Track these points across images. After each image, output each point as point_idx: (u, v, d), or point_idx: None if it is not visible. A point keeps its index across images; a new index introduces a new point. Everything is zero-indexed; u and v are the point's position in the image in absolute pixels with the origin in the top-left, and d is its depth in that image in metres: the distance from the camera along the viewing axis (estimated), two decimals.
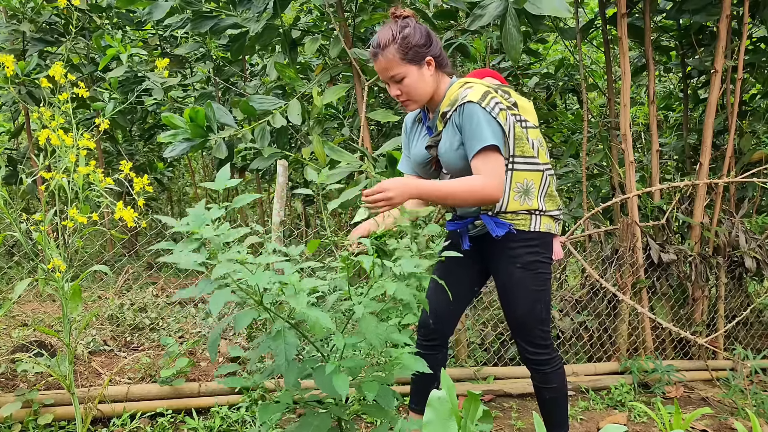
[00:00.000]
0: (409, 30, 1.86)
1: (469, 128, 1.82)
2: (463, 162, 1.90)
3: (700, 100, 4.54)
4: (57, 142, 1.84)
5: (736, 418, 2.92)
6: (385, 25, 1.90)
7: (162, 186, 6.46)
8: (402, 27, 1.87)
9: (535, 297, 1.99)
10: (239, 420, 2.62)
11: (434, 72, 1.93)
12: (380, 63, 1.89)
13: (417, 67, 1.88)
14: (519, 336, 2.07)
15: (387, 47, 1.86)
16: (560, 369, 2.11)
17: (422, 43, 1.88)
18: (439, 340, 2.20)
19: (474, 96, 1.84)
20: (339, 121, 4.59)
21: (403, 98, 1.94)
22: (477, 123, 1.81)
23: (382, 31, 1.89)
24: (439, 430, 1.25)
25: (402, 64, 1.87)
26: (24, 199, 5.18)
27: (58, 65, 1.91)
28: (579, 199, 4.38)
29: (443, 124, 1.94)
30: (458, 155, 1.89)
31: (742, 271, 3.60)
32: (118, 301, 3.69)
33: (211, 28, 3.51)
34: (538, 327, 2.03)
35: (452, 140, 1.90)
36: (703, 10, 3.42)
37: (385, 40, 1.86)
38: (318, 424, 1.55)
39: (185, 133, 3.18)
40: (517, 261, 1.96)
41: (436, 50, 1.92)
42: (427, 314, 2.15)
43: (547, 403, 2.14)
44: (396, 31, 1.86)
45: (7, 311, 2.10)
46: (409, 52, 1.86)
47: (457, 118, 1.87)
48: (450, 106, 1.90)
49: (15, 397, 2.46)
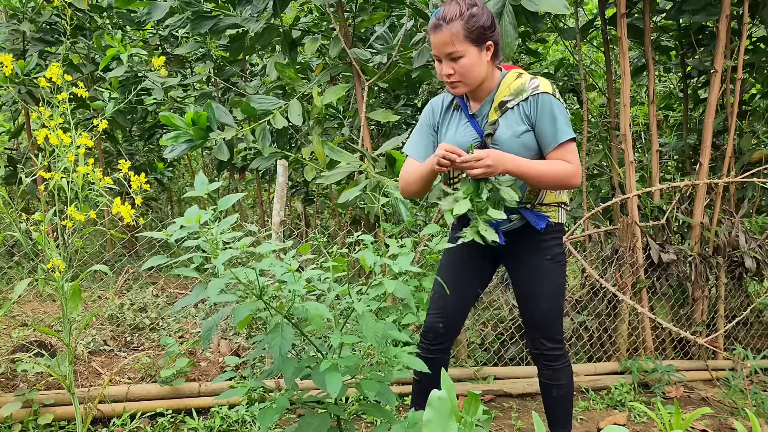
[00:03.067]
0: (477, 9, 1.81)
1: (551, 118, 1.83)
2: (524, 150, 1.87)
3: (700, 100, 4.54)
4: (56, 141, 1.84)
5: (736, 418, 2.91)
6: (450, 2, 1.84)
7: (162, 186, 6.45)
8: (470, 5, 1.81)
9: (559, 290, 2.04)
10: (239, 420, 2.62)
11: (491, 57, 1.87)
12: (441, 36, 1.81)
13: (478, 49, 1.82)
14: (540, 331, 2.06)
15: (452, 21, 1.79)
16: (569, 365, 2.13)
17: (488, 26, 1.82)
18: (446, 343, 2.19)
19: (546, 87, 1.84)
20: (339, 121, 4.59)
21: (454, 78, 1.85)
22: (558, 114, 1.83)
23: (448, 5, 1.82)
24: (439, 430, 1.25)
25: (464, 42, 1.80)
26: (24, 199, 5.18)
27: (55, 66, 1.91)
28: (579, 199, 4.38)
29: (499, 113, 1.89)
30: (520, 143, 1.87)
31: (742, 271, 3.60)
32: (118, 301, 3.69)
33: (211, 28, 3.51)
34: (559, 321, 2.06)
35: (515, 129, 1.87)
36: (702, 10, 3.42)
37: (452, 14, 1.79)
38: (317, 424, 1.55)
39: (186, 135, 3.18)
40: (548, 253, 1.99)
41: (497, 36, 1.88)
42: (437, 318, 2.12)
43: (554, 400, 2.14)
44: (464, 7, 1.80)
45: (7, 311, 2.11)
46: (474, 31, 1.80)
47: (529, 108, 1.85)
48: (514, 95, 1.87)
49: (15, 397, 2.46)
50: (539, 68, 5.00)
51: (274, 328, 1.43)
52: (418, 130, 2.07)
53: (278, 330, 1.43)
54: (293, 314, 1.47)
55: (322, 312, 1.36)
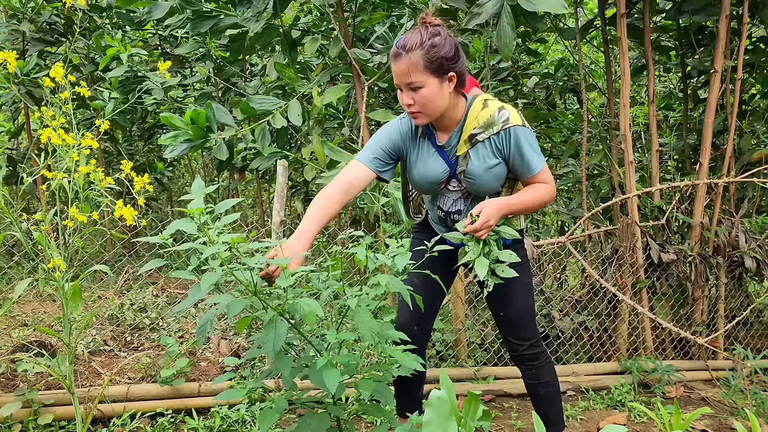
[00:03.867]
0: (440, 39, 1.76)
1: (527, 152, 1.85)
2: (494, 182, 1.90)
3: (699, 100, 4.54)
4: (58, 141, 1.84)
5: (736, 418, 2.92)
6: (415, 29, 1.80)
7: (162, 186, 6.45)
8: (432, 34, 1.76)
9: (528, 290, 2.08)
10: (239, 420, 2.62)
11: (453, 90, 1.84)
12: (401, 65, 1.77)
13: (438, 80, 1.78)
14: (514, 332, 2.09)
15: (412, 51, 1.75)
16: (550, 362, 2.15)
17: (450, 57, 1.77)
18: (421, 343, 2.19)
19: (515, 118, 1.84)
20: (339, 121, 4.59)
21: (414, 109, 1.82)
22: (531, 145, 1.85)
23: (410, 34, 1.78)
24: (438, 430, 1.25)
25: (423, 73, 1.76)
26: (24, 199, 5.18)
27: (59, 66, 1.91)
28: (579, 199, 4.38)
29: (469, 145, 1.88)
30: (492, 174, 1.89)
31: (742, 271, 3.60)
32: (118, 301, 3.69)
33: (211, 28, 3.51)
34: (531, 320, 2.09)
35: (488, 162, 1.87)
36: (702, 10, 3.43)
37: (412, 43, 1.75)
38: (317, 424, 1.55)
39: (186, 134, 3.18)
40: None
41: (461, 67, 1.82)
42: (409, 318, 2.13)
43: (541, 399, 2.15)
44: (426, 36, 1.75)
45: (7, 311, 2.11)
46: (435, 62, 1.75)
47: (501, 142, 1.85)
48: (483, 128, 1.85)
49: (15, 397, 2.46)
50: (539, 68, 5.00)
51: (267, 324, 1.44)
52: (376, 141, 1.97)
53: (272, 326, 1.43)
54: (288, 311, 1.47)
55: (315, 309, 1.36)
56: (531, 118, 4.50)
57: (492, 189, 1.93)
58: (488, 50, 3.67)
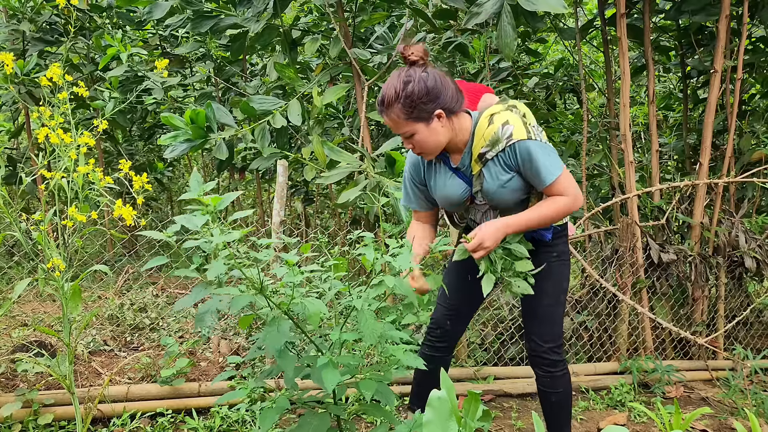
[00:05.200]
0: (413, 86, 1.74)
1: (535, 165, 1.80)
2: (512, 195, 1.89)
3: (699, 100, 4.54)
4: (56, 140, 1.84)
5: (736, 418, 2.92)
6: (391, 78, 1.80)
7: (162, 186, 6.45)
8: (405, 83, 1.75)
9: (562, 288, 2.04)
10: (239, 420, 2.62)
11: (446, 122, 1.82)
12: (387, 120, 1.82)
13: (425, 124, 1.79)
14: (539, 330, 2.04)
15: (391, 106, 1.77)
16: (567, 374, 2.10)
17: (429, 99, 1.76)
18: (450, 342, 2.20)
19: (519, 132, 1.79)
20: (339, 121, 4.59)
21: (416, 151, 1.88)
22: (539, 158, 1.79)
23: (387, 86, 1.79)
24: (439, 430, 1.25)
25: (408, 123, 1.78)
26: (24, 199, 5.18)
27: (56, 66, 1.91)
28: None
29: (481, 164, 1.88)
30: (507, 190, 1.87)
31: (742, 271, 3.60)
32: (118, 301, 3.69)
33: (211, 28, 3.51)
34: (558, 323, 2.04)
35: (500, 178, 1.86)
36: (702, 10, 3.43)
37: (389, 99, 1.77)
38: (317, 423, 1.55)
39: (186, 134, 3.18)
40: (554, 251, 2.01)
41: (446, 99, 1.79)
42: (444, 314, 2.14)
43: (551, 406, 2.12)
44: (399, 87, 1.75)
45: (7, 311, 2.11)
46: (414, 110, 1.76)
47: (509, 158, 1.83)
48: (490, 146, 1.83)
49: (15, 397, 2.46)
50: (539, 68, 5.00)
51: (271, 322, 1.43)
52: (406, 185, 2.08)
53: (275, 324, 1.43)
54: (292, 310, 1.47)
55: (320, 309, 1.36)
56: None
57: (513, 201, 1.91)
58: (488, 50, 3.67)
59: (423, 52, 1.81)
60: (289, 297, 1.45)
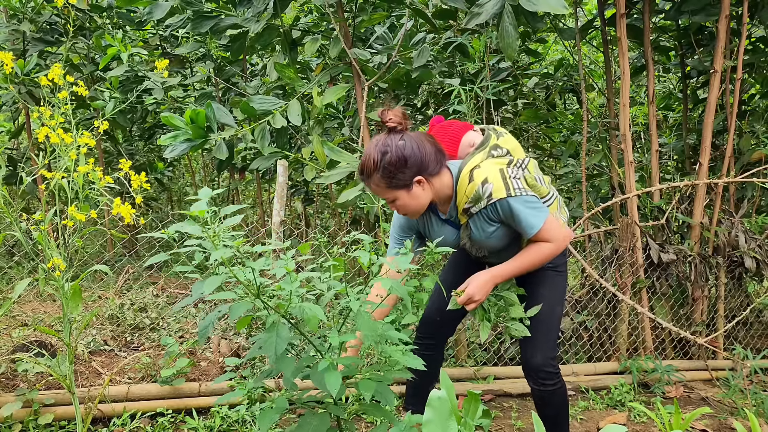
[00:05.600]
0: (390, 156, 1.77)
1: (516, 220, 1.83)
2: (501, 241, 1.94)
3: (699, 100, 4.54)
4: (56, 140, 1.84)
5: (735, 418, 2.92)
6: (369, 146, 1.83)
7: (162, 186, 6.46)
8: (382, 153, 1.78)
9: (558, 298, 2.05)
10: (239, 420, 2.62)
11: (427, 185, 1.86)
12: (370, 188, 1.87)
13: (406, 190, 1.83)
14: (533, 341, 2.02)
15: (371, 177, 1.82)
16: (561, 388, 2.04)
17: (405, 168, 1.79)
18: (439, 339, 2.21)
19: (498, 191, 1.80)
20: (339, 121, 4.59)
21: (401, 212, 1.93)
22: (520, 214, 1.81)
23: (365, 156, 1.82)
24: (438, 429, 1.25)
25: (389, 191, 1.83)
26: (24, 199, 5.18)
27: (57, 67, 1.91)
28: (578, 199, 4.38)
29: (466, 217, 1.91)
30: (496, 237, 1.92)
31: (742, 271, 3.60)
32: (118, 301, 3.69)
33: (211, 28, 3.52)
34: (553, 333, 2.03)
35: (486, 230, 1.91)
36: (702, 10, 3.43)
37: (368, 170, 1.81)
38: (317, 423, 1.55)
39: (186, 134, 3.18)
40: (551, 262, 2.03)
41: (425, 165, 1.82)
42: (433, 311, 2.16)
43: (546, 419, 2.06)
44: (377, 157, 1.78)
45: (7, 311, 2.11)
46: (393, 179, 1.80)
47: (491, 214, 1.86)
48: (472, 202, 1.85)
49: (15, 397, 2.46)
50: (539, 68, 5.01)
51: (270, 327, 1.43)
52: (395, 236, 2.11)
53: (274, 329, 1.43)
54: (290, 313, 1.47)
55: (318, 313, 1.36)
56: (531, 118, 4.50)
57: (504, 245, 1.96)
58: (488, 50, 3.67)
59: (401, 116, 1.83)
60: (287, 301, 1.45)
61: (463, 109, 3.33)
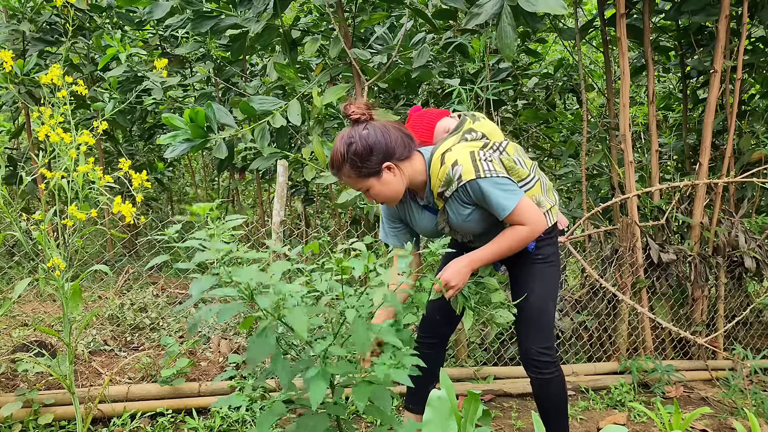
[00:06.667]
0: (355, 146, 1.81)
1: (488, 201, 1.83)
2: (479, 225, 1.94)
3: (699, 100, 4.54)
4: (56, 139, 1.84)
5: (735, 418, 2.92)
6: (336, 141, 1.86)
7: (162, 186, 6.45)
8: (348, 144, 1.81)
9: (550, 290, 2.05)
10: (239, 420, 2.62)
11: (398, 171, 1.87)
12: (342, 180, 1.90)
13: (376, 178, 1.85)
14: (528, 332, 2.05)
15: (341, 169, 1.85)
16: (560, 376, 2.08)
17: (372, 155, 1.82)
18: (440, 338, 2.21)
19: (468, 173, 1.81)
20: (339, 121, 4.59)
21: (378, 201, 1.95)
22: (491, 194, 1.82)
23: (333, 150, 1.85)
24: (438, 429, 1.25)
25: (360, 180, 1.86)
26: (24, 199, 5.18)
27: (56, 68, 1.91)
28: (578, 199, 4.39)
29: (442, 202, 1.92)
30: (472, 220, 1.92)
31: (742, 271, 3.61)
32: (118, 301, 3.69)
33: (211, 28, 3.52)
34: (548, 324, 2.04)
35: (461, 213, 1.91)
36: (702, 10, 3.43)
37: (337, 163, 1.85)
38: (316, 423, 1.54)
39: (185, 134, 3.18)
40: (539, 254, 2.03)
41: (391, 150, 1.84)
42: (434, 310, 2.15)
43: (545, 411, 2.11)
44: (343, 149, 1.82)
45: (7, 311, 2.11)
46: (363, 169, 1.83)
47: (464, 197, 1.87)
48: (445, 186, 1.87)
49: (15, 397, 2.46)
50: (539, 68, 5.01)
51: (260, 332, 1.43)
52: (383, 222, 2.15)
53: (263, 335, 1.42)
54: (286, 316, 1.46)
55: (302, 322, 1.35)
56: (531, 118, 4.50)
57: (483, 228, 1.95)
58: (487, 50, 3.68)
59: (364, 107, 1.87)
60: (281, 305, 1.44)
61: (463, 109, 3.33)
